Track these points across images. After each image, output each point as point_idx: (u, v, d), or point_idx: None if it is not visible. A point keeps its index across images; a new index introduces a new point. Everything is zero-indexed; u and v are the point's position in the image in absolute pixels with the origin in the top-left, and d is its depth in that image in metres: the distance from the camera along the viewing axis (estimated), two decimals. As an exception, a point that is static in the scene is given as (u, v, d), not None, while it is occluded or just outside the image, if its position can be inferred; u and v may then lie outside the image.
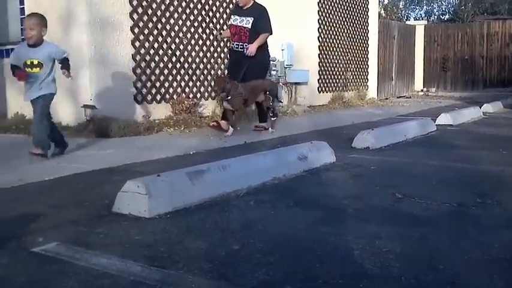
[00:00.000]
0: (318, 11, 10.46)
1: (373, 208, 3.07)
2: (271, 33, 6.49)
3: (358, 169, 4.21)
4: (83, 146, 5.32)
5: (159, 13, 7.12)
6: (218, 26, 8.08)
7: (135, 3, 6.78)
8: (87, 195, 3.35)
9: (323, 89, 10.76)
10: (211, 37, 7.97)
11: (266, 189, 3.49)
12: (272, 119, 6.48)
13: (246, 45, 6.26)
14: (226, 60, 8.27)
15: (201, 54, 7.82)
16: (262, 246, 2.38)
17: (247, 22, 6.30)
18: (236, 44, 6.40)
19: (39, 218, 2.83)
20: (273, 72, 8.80)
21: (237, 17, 6.41)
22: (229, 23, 6.61)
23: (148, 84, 7.09)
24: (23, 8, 6.80)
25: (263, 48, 6.46)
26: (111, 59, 6.53)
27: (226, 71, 6.88)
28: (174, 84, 7.46)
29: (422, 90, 16.31)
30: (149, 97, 7.12)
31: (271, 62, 8.72)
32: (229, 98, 5.96)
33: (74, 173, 4.01)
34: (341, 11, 11.25)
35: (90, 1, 6.29)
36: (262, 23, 6.34)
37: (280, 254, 2.30)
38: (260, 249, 2.34)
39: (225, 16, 8.19)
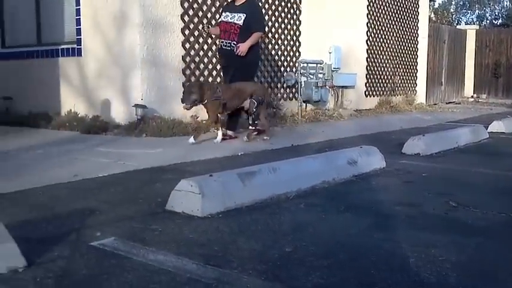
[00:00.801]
0: (367, 14, 10.35)
1: (426, 216, 3.01)
2: (264, 33, 6.12)
3: (409, 175, 4.14)
4: (134, 145, 5.43)
5: (209, 15, 7.20)
6: (266, 28, 8.10)
7: (186, 5, 6.88)
8: (140, 192, 3.42)
9: (370, 93, 10.63)
10: (260, 39, 7.99)
11: (316, 192, 3.48)
12: (256, 127, 5.86)
13: (234, 44, 5.80)
14: (273, 63, 8.30)
15: (249, 56, 7.86)
16: (315, 250, 2.38)
17: (238, 18, 5.81)
18: (225, 42, 5.92)
19: (96, 213, 2.92)
20: (320, 76, 8.76)
21: (228, 13, 5.93)
22: (220, 19, 6.14)
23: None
24: (79, 9, 7.01)
25: (255, 47, 6.04)
26: (162, 60, 6.65)
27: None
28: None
29: (472, 97, 15.86)
30: (197, 98, 7.20)
31: (318, 65, 8.71)
32: (205, 102, 5.59)
33: (126, 171, 4.10)
34: (390, 14, 11.09)
35: (143, 3, 6.43)
36: (255, 20, 5.87)
37: (333, 258, 2.29)
38: (313, 253, 2.34)
39: (273, 19, 8.21)
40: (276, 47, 8.31)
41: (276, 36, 8.30)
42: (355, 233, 2.67)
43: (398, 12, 11.41)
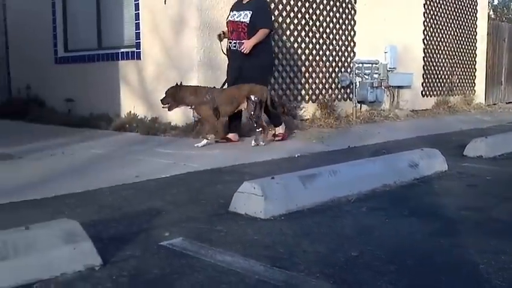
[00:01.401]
0: (424, 13, 10.13)
1: (493, 221, 2.93)
2: (271, 29, 5.81)
3: (473, 179, 4.03)
4: (191, 146, 5.53)
5: (264, 17, 7.24)
6: (321, 29, 8.07)
7: (242, 7, 6.95)
8: (202, 193, 3.50)
9: (427, 93, 10.39)
10: (314, 40, 7.99)
11: (377, 196, 3.45)
12: (257, 130, 5.64)
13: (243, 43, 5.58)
14: (327, 64, 8.26)
15: (303, 57, 7.86)
16: (381, 254, 2.36)
17: (245, 16, 5.59)
18: (234, 43, 5.70)
19: (162, 213, 3.00)
20: (375, 76, 8.64)
21: (235, 12, 5.72)
22: (227, 19, 5.87)
23: (252, 87, 7.24)
24: (138, 13, 7.22)
25: (266, 46, 5.79)
26: (218, 63, 6.73)
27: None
28: (276, 87, 7.56)
29: (534, 96, 15.21)
30: (252, 99, 7.26)
31: (374, 65, 8.60)
32: (193, 107, 5.56)
33: (186, 172, 4.20)
34: (448, 12, 10.80)
35: (201, 6, 6.54)
36: (260, 16, 5.60)
37: (400, 263, 2.27)
38: (379, 257, 2.33)
39: (328, 19, 8.17)
40: (331, 47, 8.26)
41: (331, 36, 8.25)
42: (421, 238, 2.63)
43: (456, 10, 11.10)
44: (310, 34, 7.94)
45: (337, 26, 8.37)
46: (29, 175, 4.12)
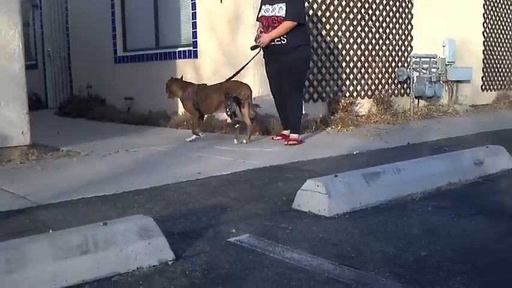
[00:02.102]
0: (483, 5, 9.78)
1: None
2: (300, 22, 5.40)
3: (542, 177, 3.89)
4: (250, 143, 5.58)
5: (319, 13, 7.22)
6: (377, 23, 7.95)
7: (297, 4, 6.94)
8: (265, 190, 3.54)
9: (487, 87, 10.04)
10: (370, 35, 7.88)
11: (442, 194, 3.38)
12: (235, 126, 5.69)
13: (284, 38, 5.35)
14: (384, 59, 8.13)
15: (358, 52, 7.77)
16: (451, 254, 2.33)
17: (279, 10, 5.35)
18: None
19: (227, 210, 3.07)
20: (433, 70, 8.43)
21: (268, 6, 5.46)
22: (259, 15, 5.61)
23: (306, 83, 7.22)
24: (195, 12, 7.34)
25: (304, 40, 5.51)
26: (274, 59, 6.77)
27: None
28: (331, 83, 7.51)
29: None
30: (307, 96, 7.25)
31: (432, 59, 8.39)
32: (182, 101, 5.81)
33: (247, 169, 4.25)
34: (509, 3, 10.38)
35: (257, 5, 6.53)
36: (290, 8, 5.31)
37: (471, 263, 2.23)
38: (449, 257, 2.29)
39: (384, 13, 8.04)
40: (387, 42, 8.13)
41: (387, 31, 8.11)
42: (492, 238, 2.57)
43: (519, 0, 10.66)
44: (367, 29, 7.83)
45: (394, 20, 8.22)
46: (96, 171, 4.30)
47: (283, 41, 5.40)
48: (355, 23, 7.67)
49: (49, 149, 5.20)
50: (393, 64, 8.27)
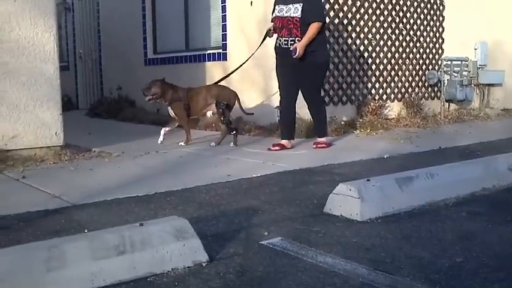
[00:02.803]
0: (517, 6, 9.58)
1: None
2: (324, 22, 5.20)
3: None
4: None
5: (349, 15, 7.18)
6: (408, 26, 7.87)
7: (327, 6, 6.92)
8: (295, 193, 3.54)
9: (520, 91, 9.84)
10: (400, 37, 7.80)
11: (476, 200, 3.33)
12: (231, 133, 5.69)
13: (298, 40, 5.08)
14: (414, 61, 8.05)
15: (389, 55, 7.71)
16: (488, 261, 2.29)
17: (295, 10, 5.09)
18: (285, 40, 5.21)
19: (258, 213, 3.08)
20: (464, 73, 8.30)
21: (282, 6, 5.19)
22: (273, 15, 5.33)
23: (336, 86, 7.20)
24: (225, 15, 7.39)
25: (322, 42, 5.27)
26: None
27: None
28: (361, 86, 7.47)
29: None
30: (336, 99, 7.23)
31: (463, 62, 8.26)
32: (168, 103, 5.73)
33: (277, 172, 4.26)
34: (544, 4, 10.15)
35: (286, 7, 6.57)
36: (311, 8, 5.06)
37: (508, 270, 2.20)
38: (486, 264, 2.26)
39: (415, 15, 7.95)
40: (418, 44, 8.04)
41: (418, 33, 8.02)
42: (530, 246, 2.52)
43: (554, 1, 10.40)
44: (397, 31, 7.76)
45: (425, 23, 8.12)
46: (128, 172, 4.36)
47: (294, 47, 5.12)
48: (385, 25, 7.61)
49: (81, 150, 5.30)
50: (424, 67, 8.18)
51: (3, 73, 4.77)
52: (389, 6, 7.63)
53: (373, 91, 7.61)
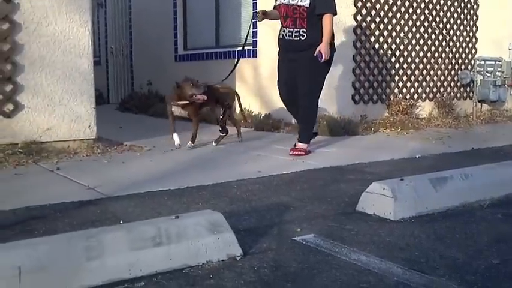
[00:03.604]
0: (555, 5, 9.35)
1: None
2: (335, 14, 4.76)
3: None
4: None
5: (381, 13, 7.11)
6: (441, 25, 7.76)
7: (359, 4, 6.88)
8: (326, 191, 3.53)
9: (555, 92, 9.60)
10: (433, 36, 7.69)
11: (511, 202, 3.27)
12: (221, 134, 5.58)
13: (304, 32, 4.69)
14: (447, 61, 7.93)
15: (421, 54, 7.61)
16: (525, 264, 2.25)
17: None
18: (289, 31, 4.77)
19: (290, 209, 3.08)
20: (498, 74, 8.14)
21: None
22: (277, 2, 4.92)
23: (366, 84, 7.15)
24: (255, 12, 7.38)
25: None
26: (335, 60, 6.72)
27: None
28: (392, 84, 7.40)
29: None
30: (366, 97, 7.17)
31: (497, 62, 8.10)
32: (187, 103, 5.24)
33: (307, 169, 4.25)
34: None
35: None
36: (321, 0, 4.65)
37: (547, 275, 2.15)
38: (524, 267, 2.22)
39: (448, 14, 7.83)
40: (451, 43, 7.92)
41: (451, 32, 7.90)
42: None
43: None
44: (430, 30, 7.66)
45: (459, 22, 8.00)
46: (160, 166, 4.41)
47: (303, 36, 4.75)
48: (418, 23, 7.52)
49: (113, 143, 5.39)
50: (456, 66, 8.06)
51: (40, 67, 4.88)
52: (422, 5, 7.53)
53: (404, 90, 7.53)
